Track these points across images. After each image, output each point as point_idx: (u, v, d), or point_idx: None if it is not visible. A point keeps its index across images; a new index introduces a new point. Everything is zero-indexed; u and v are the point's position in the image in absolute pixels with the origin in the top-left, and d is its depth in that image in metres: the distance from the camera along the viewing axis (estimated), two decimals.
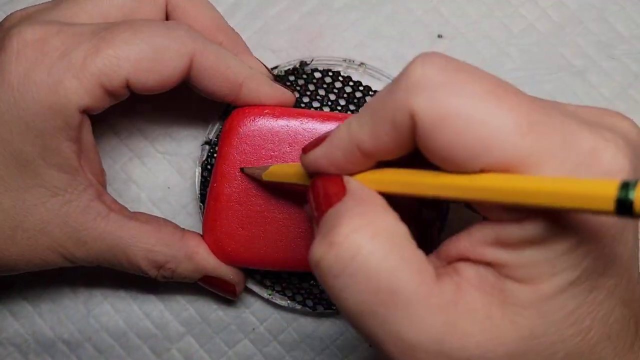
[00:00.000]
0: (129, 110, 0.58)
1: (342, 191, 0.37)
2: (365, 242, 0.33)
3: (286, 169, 0.47)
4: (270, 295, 0.57)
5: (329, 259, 0.34)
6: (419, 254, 0.35)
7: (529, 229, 0.33)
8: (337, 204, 0.36)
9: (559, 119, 0.33)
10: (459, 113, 0.32)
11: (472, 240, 0.35)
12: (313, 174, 0.40)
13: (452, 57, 0.34)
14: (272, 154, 0.51)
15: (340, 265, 0.34)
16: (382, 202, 0.36)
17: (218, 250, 0.53)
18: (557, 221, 0.33)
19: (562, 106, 0.36)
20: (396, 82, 0.34)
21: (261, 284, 0.57)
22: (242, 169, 0.51)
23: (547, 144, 0.32)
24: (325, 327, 0.58)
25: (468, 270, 0.35)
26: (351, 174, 0.38)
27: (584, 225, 0.33)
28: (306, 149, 0.40)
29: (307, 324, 0.58)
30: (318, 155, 0.39)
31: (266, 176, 0.49)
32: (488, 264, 0.35)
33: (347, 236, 0.34)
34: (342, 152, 0.37)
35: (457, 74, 0.33)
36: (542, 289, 0.33)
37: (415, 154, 0.35)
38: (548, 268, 0.33)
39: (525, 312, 0.34)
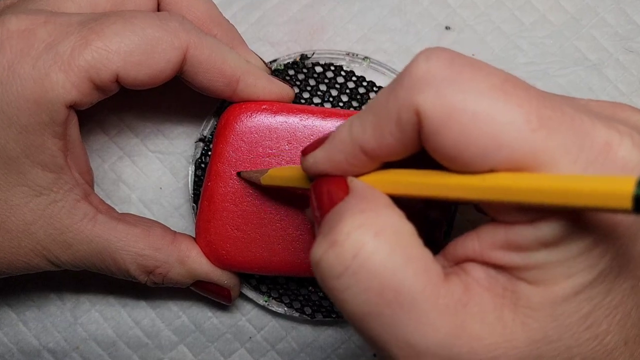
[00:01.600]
0: (119, 106, 0.58)
1: (345, 190, 0.37)
2: (367, 239, 0.33)
3: (286, 172, 0.46)
4: (266, 301, 0.56)
5: (329, 259, 0.34)
6: (426, 252, 0.34)
7: (542, 230, 0.32)
8: (339, 203, 0.36)
9: (570, 113, 0.32)
10: (466, 109, 0.31)
11: (481, 243, 0.35)
12: (314, 177, 0.40)
13: (457, 52, 0.34)
14: (270, 151, 0.51)
15: (342, 264, 0.33)
16: (386, 200, 0.36)
17: (211, 254, 0.52)
18: (571, 221, 0.32)
19: (574, 100, 0.36)
20: (400, 79, 0.34)
21: (257, 289, 0.57)
22: (239, 174, 0.51)
23: (559, 139, 0.31)
24: (325, 335, 0.58)
25: (477, 271, 0.35)
26: (354, 177, 0.38)
27: (600, 224, 0.32)
28: (306, 151, 0.39)
29: (307, 333, 0.58)
30: (319, 158, 0.38)
31: (265, 180, 0.48)
32: (498, 264, 0.35)
33: (348, 234, 0.33)
34: (344, 154, 0.37)
35: (464, 69, 0.33)
36: (557, 291, 0.33)
37: (420, 154, 0.35)
38: (563, 270, 0.33)
39: (538, 315, 0.33)
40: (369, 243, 0.33)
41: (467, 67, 0.33)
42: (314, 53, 0.57)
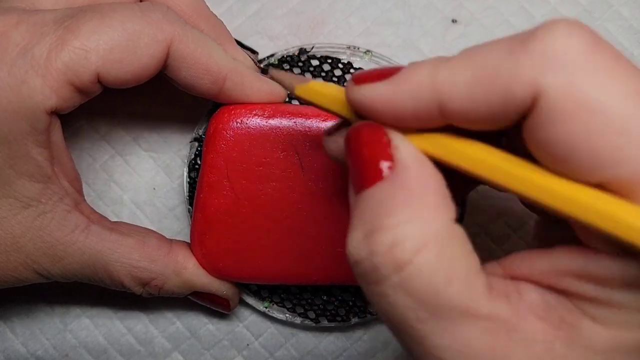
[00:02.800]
0: (110, 103, 0.57)
1: (390, 160, 0.33)
2: (410, 256, 0.31)
3: (330, 91, 0.38)
4: (267, 307, 0.56)
5: (368, 265, 0.32)
6: (472, 264, 0.33)
7: (632, 269, 0.31)
8: (379, 183, 0.33)
9: None
10: (600, 107, 0.29)
11: (554, 265, 0.33)
12: (360, 113, 0.35)
13: (598, 35, 0.30)
14: (263, 160, 0.50)
15: (380, 274, 0.32)
16: (438, 190, 0.33)
17: (208, 265, 0.52)
18: None
19: None
20: (526, 44, 0.30)
21: (258, 295, 0.56)
22: (266, 71, 0.49)
23: None
24: (327, 342, 0.57)
25: (532, 294, 0.33)
26: (411, 130, 0.34)
27: None
28: (360, 79, 0.34)
29: (307, 340, 0.58)
30: (377, 94, 0.34)
31: (299, 91, 0.40)
32: (564, 293, 0.33)
33: (391, 245, 0.32)
34: (414, 101, 0.33)
35: (607, 61, 0.29)
36: (628, 339, 0.31)
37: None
38: None
39: (597, 358, 0.32)
40: (413, 261, 0.31)
41: (611, 60, 0.29)
42: (313, 47, 0.57)
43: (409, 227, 0.32)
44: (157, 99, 0.57)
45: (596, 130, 0.29)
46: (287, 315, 0.56)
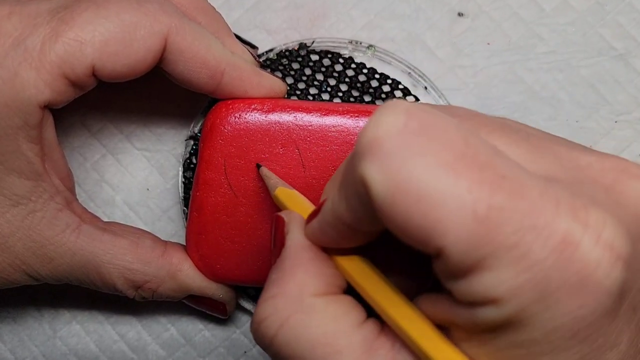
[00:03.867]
0: (102, 99, 0.57)
1: (282, 248, 0.39)
2: (276, 326, 0.36)
3: (289, 202, 0.45)
4: None
5: (253, 332, 0.38)
6: (345, 324, 0.36)
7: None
8: (277, 259, 0.39)
9: (533, 197, 0.30)
10: (410, 189, 0.30)
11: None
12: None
13: (418, 111, 0.32)
14: (263, 156, 0.50)
15: (266, 340, 0.37)
16: (310, 269, 0.38)
17: (205, 267, 0.52)
18: None
19: (570, 157, 0.35)
20: (356, 143, 0.33)
21: (256, 299, 0.56)
22: (259, 167, 0.50)
23: (506, 233, 0.30)
24: None
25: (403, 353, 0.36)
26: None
27: None
28: (307, 219, 0.40)
29: None
30: (315, 230, 0.38)
31: (275, 198, 0.47)
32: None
33: (261, 319, 0.37)
34: (331, 227, 0.37)
35: (416, 138, 0.31)
36: None
37: None
38: None
39: None
40: (277, 334, 0.36)
41: (418, 137, 0.31)
42: (313, 41, 0.57)
43: (272, 303, 0.37)
44: (151, 95, 0.57)
45: (413, 209, 0.30)
46: None
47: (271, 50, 0.56)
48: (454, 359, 0.33)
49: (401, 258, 0.39)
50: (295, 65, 0.56)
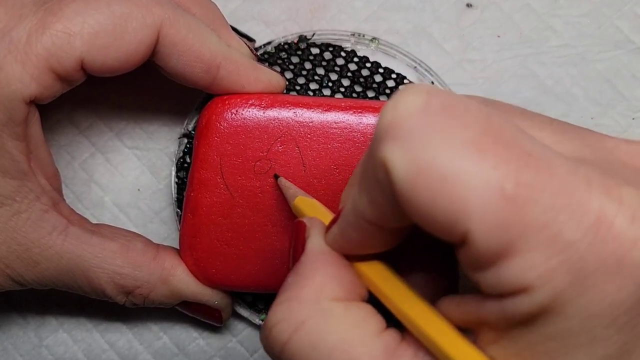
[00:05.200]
0: (90, 95, 0.57)
1: (301, 253, 0.39)
2: (290, 331, 0.36)
3: (311, 211, 0.45)
4: (263, 320, 0.56)
5: (264, 338, 0.38)
6: (366, 331, 0.36)
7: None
8: (296, 264, 0.39)
9: (562, 175, 0.31)
10: (434, 169, 0.30)
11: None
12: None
13: (439, 92, 0.32)
14: (261, 154, 0.50)
15: (277, 347, 0.37)
16: (328, 274, 0.38)
17: (199, 272, 0.52)
18: None
19: (595, 143, 0.35)
20: (375, 126, 0.33)
21: (253, 306, 0.56)
22: (276, 177, 0.50)
23: (537, 212, 0.30)
24: None
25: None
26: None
27: None
28: (328, 227, 0.40)
29: None
30: (336, 235, 0.39)
31: (294, 209, 0.47)
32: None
33: (274, 323, 0.37)
34: (353, 229, 0.37)
35: (437, 118, 0.31)
36: None
37: None
38: None
39: None
40: (292, 338, 0.36)
41: (441, 116, 0.31)
42: (314, 34, 0.56)
43: (287, 306, 0.37)
44: (142, 90, 0.57)
45: (438, 190, 0.30)
46: None
47: (269, 43, 0.56)
48: None
49: (423, 262, 0.39)
50: (295, 59, 0.56)
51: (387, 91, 0.55)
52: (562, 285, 0.30)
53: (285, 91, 0.54)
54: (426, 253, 0.37)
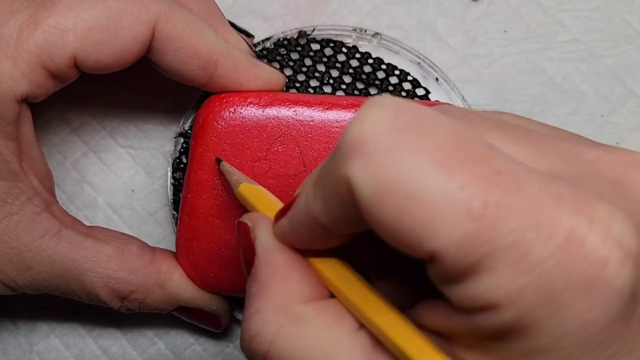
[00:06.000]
0: (83, 92, 0.56)
1: (252, 253, 0.39)
2: (267, 342, 0.36)
3: (253, 200, 0.45)
4: None
5: (245, 353, 0.37)
6: (341, 332, 0.36)
7: None
8: (252, 270, 0.39)
9: (532, 193, 0.30)
10: (399, 188, 0.30)
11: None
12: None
13: (407, 107, 0.32)
14: (260, 154, 0.50)
15: (259, 359, 0.37)
16: (289, 277, 0.38)
17: (197, 277, 0.52)
18: None
19: (571, 160, 0.35)
20: (340, 140, 0.33)
21: None
22: (218, 161, 0.50)
23: (505, 232, 0.30)
24: None
25: None
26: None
27: None
28: (277, 217, 0.39)
29: None
30: (285, 229, 0.38)
31: (238, 195, 0.47)
32: None
33: (252, 336, 0.36)
34: (303, 226, 0.36)
35: (405, 135, 0.31)
36: None
37: None
38: None
39: None
40: (270, 350, 0.36)
41: (408, 133, 0.31)
42: (314, 29, 0.56)
43: (259, 318, 0.36)
44: (137, 88, 0.57)
45: (403, 209, 0.30)
46: None
47: (268, 38, 0.56)
48: None
49: (394, 261, 0.39)
50: (295, 55, 0.56)
51: (390, 88, 0.55)
52: (530, 305, 0.30)
53: (284, 89, 0.54)
54: (401, 256, 0.36)
